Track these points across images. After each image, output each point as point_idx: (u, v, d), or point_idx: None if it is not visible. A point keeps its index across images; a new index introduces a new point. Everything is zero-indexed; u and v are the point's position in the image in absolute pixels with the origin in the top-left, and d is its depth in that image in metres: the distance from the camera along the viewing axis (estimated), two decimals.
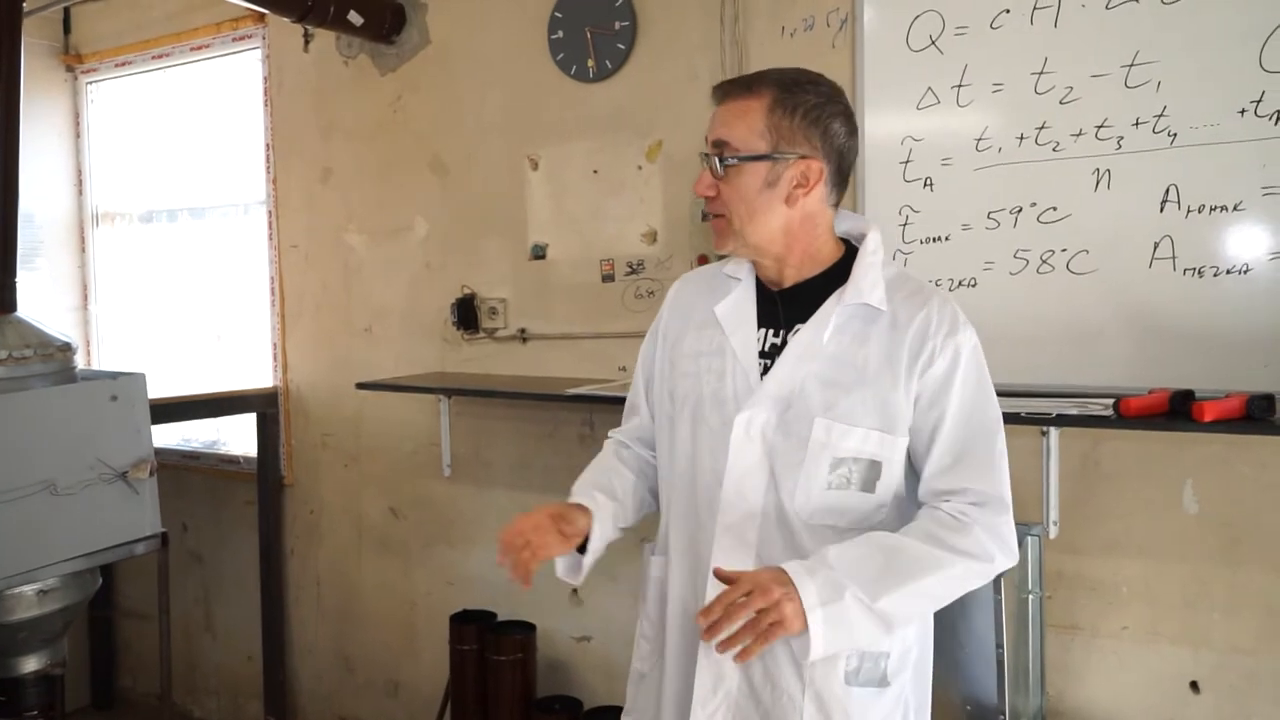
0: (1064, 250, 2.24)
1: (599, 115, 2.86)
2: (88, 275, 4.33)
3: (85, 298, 4.34)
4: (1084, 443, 2.28)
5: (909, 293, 1.51)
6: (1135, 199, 2.15)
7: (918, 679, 1.58)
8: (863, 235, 1.57)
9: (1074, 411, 2.02)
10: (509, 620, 3.06)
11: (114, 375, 2.30)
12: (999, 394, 2.20)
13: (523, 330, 3.06)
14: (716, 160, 1.48)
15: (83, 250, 4.32)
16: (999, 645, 2.01)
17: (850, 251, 1.57)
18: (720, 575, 1.38)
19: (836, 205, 1.56)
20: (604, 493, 1.64)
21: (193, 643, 4.11)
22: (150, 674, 4.15)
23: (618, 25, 2.78)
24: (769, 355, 1.54)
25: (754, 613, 1.32)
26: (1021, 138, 2.26)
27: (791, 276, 1.56)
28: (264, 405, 3.62)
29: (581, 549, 1.61)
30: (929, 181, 2.38)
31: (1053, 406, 2.05)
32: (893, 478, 1.50)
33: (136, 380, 2.28)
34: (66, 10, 4.19)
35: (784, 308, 1.56)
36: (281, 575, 3.75)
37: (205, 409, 3.48)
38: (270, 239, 3.68)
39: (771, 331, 1.56)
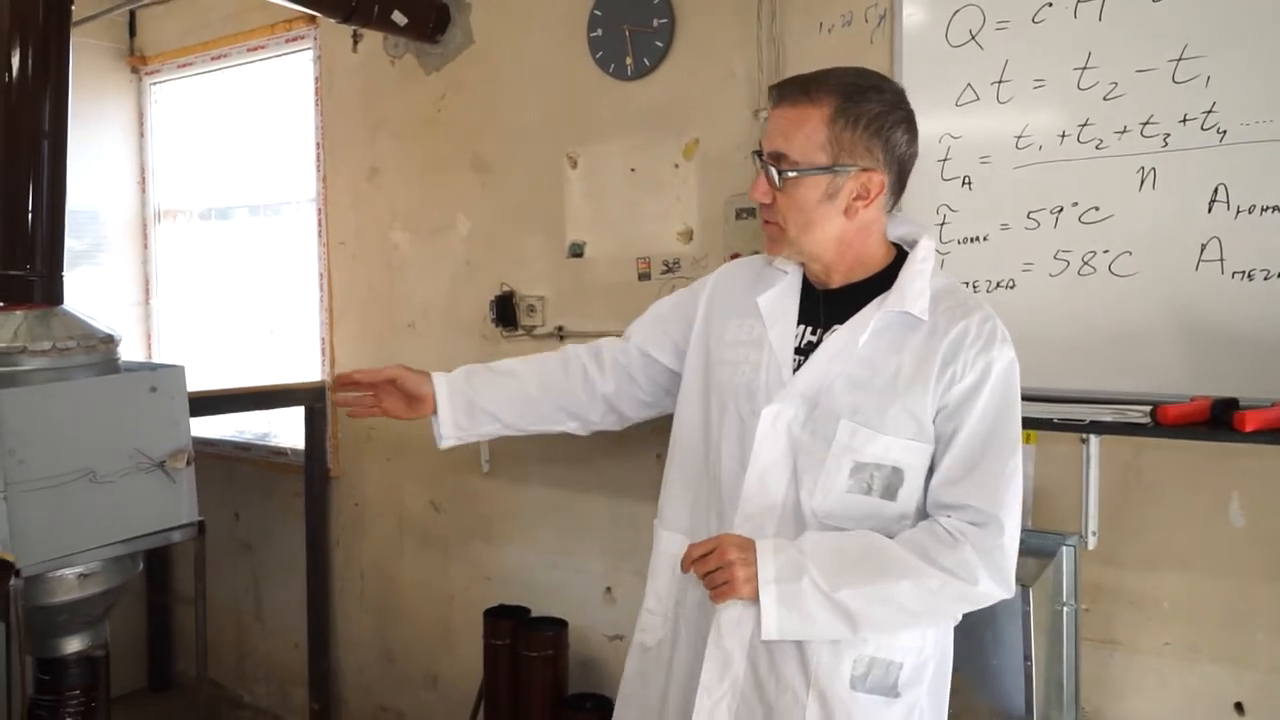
0: (1106, 251, 2.16)
1: (637, 113, 2.86)
2: (149, 271, 4.46)
3: (147, 293, 4.47)
4: (1125, 451, 2.20)
5: (953, 304, 1.49)
6: (1182, 198, 2.07)
7: (933, 695, 1.55)
8: (915, 241, 1.55)
9: (1110, 418, 1.95)
10: (542, 616, 3.07)
11: (153, 367, 2.36)
12: (1035, 399, 2.18)
13: (560, 328, 3.07)
14: (774, 171, 1.45)
15: (145, 246, 4.45)
16: (1027, 657, 1.95)
17: (900, 257, 1.55)
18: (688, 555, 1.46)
19: (892, 210, 1.55)
20: (482, 386, 1.77)
21: (243, 630, 4.21)
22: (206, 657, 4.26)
23: (656, 23, 2.76)
24: (804, 352, 1.54)
25: (707, 570, 1.39)
26: (1063, 135, 2.19)
27: (839, 280, 1.55)
28: (312, 399, 3.69)
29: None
30: (967, 180, 2.32)
31: (1088, 413, 1.99)
32: (915, 487, 1.48)
33: (175, 372, 2.34)
34: (132, 13, 4.32)
35: (825, 307, 1.55)
36: (327, 567, 3.82)
37: (255, 401, 3.56)
38: (320, 236, 3.74)
39: (810, 329, 1.55)
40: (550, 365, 1.79)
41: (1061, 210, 2.20)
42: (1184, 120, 2.06)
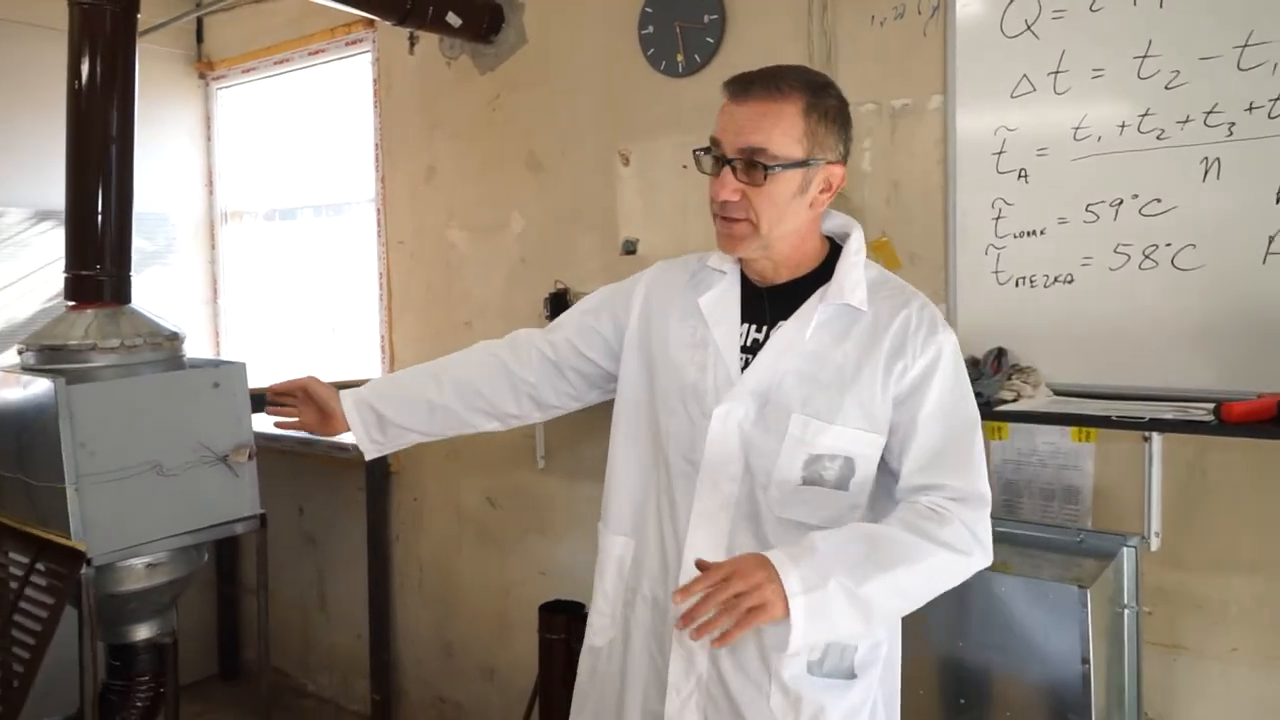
0: (1168, 245, 2.11)
1: (688, 110, 2.85)
2: (216, 270, 4.59)
3: (215, 291, 4.60)
4: (1189, 450, 2.14)
5: (890, 294, 1.53)
6: (1248, 190, 2.01)
7: (887, 674, 1.58)
8: (846, 234, 1.57)
9: (1171, 416, 1.90)
10: None
11: (216, 364, 2.42)
12: (1094, 396, 2.13)
13: None
14: (743, 164, 1.44)
15: (212, 247, 4.57)
16: (1085, 660, 1.90)
17: (834, 250, 1.57)
18: (701, 566, 1.36)
19: None
20: (390, 401, 1.73)
21: (308, 621, 4.31)
22: (271, 647, 4.37)
23: (706, 19, 2.76)
24: (750, 350, 1.55)
25: (733, 595, 1.29)
26: (1123, 126, 2.14)
27: (784, 275, 1.56)
28: None
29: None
30: (1023, 173, 2.27)
31: (1149, 410, 1.94)
32: (867, 477, 1.50)
33: (237, 369, 2.40)
34: (199, 21, 4.45)
35: (770, 304, 1.56)
36: (387, 560, 3.89)
37: None
38: (379, 236, 3.81)
39: (754, 327, 1.57)
40: (459, 367, 1.78)
41: (1121, 203, 2.15)
42: (1250, 109, 1.99)
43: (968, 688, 2.01)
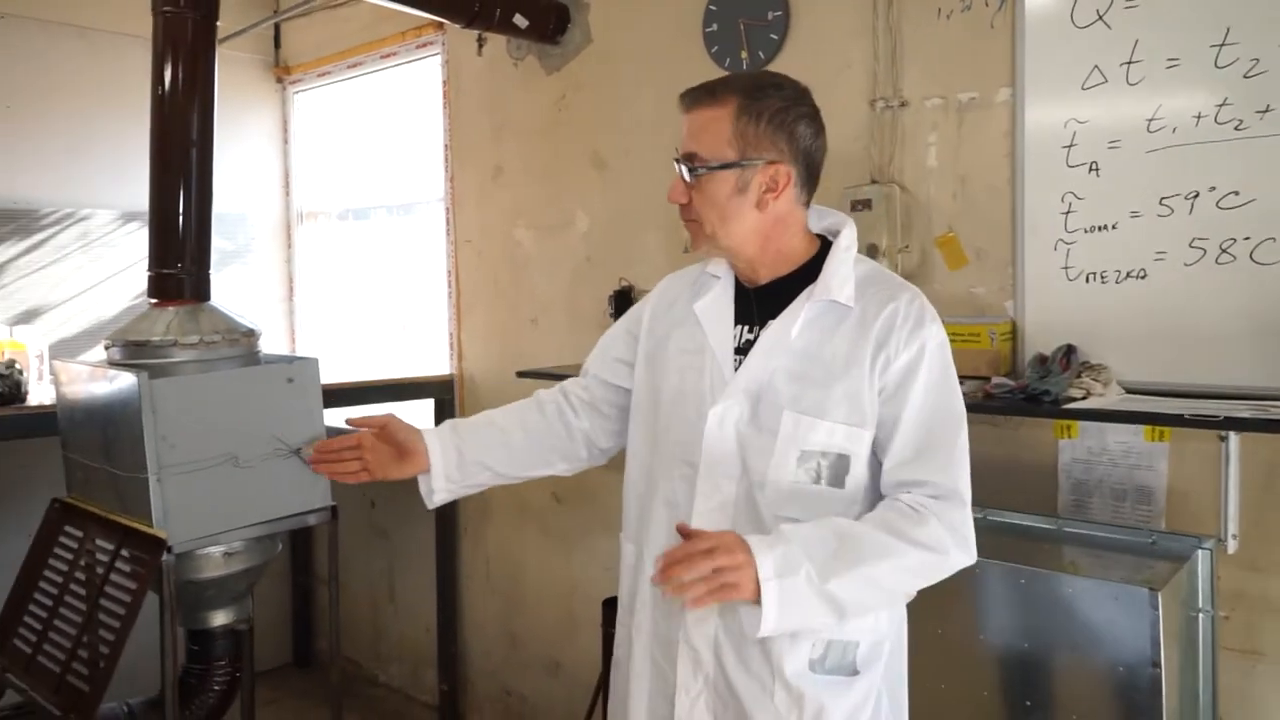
0: (1247, 239, 2.04)
1: None
2: (292, 269, 4.72)
3: (291, 290, 4.73)
4: (1269, 450, 2.07)
5: (878, 288, 1.53)
6: None
7: (890, 671, 1.58)
8: (839, 232, 1.58)
9: (1248, 415, 1.84)
10: None
11: (290, 359, 2.49)
12: (1168, 394, 2.08)
13: None
14: (685, 169, 1.51)
15: (288, 246, 4.70)
16: (1155, 664, 1.86)
17: (826, 247, 1.58)
18: (682, 531, 1.40)
19: (808, 204, 1.58)
20: (469, 436, 1.76)
21: (379, 612, 4.41)
22: (344, 638, 4.48)
23: (770, 16, 2.75)
24: (743, 351, 1.58)
25: (713, 568, 1.33)
26: (1199, 116, 2.08)
27: (765, 275, 1.58)
28: (441, 391, 3.83)
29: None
30: (1094, 166, 2.23)
31: (1224, 409, 1.88)
32: (861, 474, 1.51)
33: (310, 364, 2.46)
34: (277, 27, 4.58)
35: (758, 305, 1.58)
36: (455, 553, 3.96)
37: (386, 393, 3.71)
38: (447, 234, 3.88)
39: (746, 328, 1.59)
40: (529, 412, 1.82)
41: (1197, 195, 2.09)
42: None
43: (1034, 689, 1.97)
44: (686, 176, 1.52)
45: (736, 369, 1.56)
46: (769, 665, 1.51)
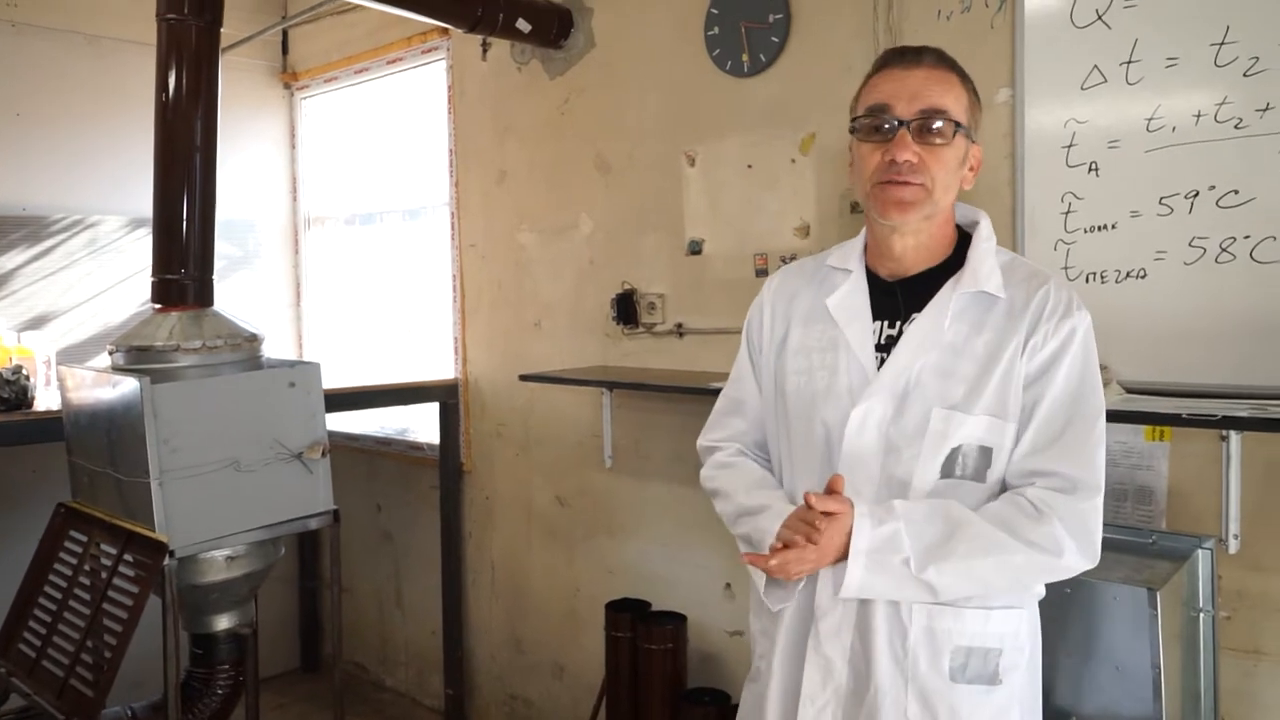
0: (1247, 237, 2.03)
1: (753, 110, 2.86)
2: (300, 275, 4.74)
3: (298, 295, 4.75)
4: (1271, 449, 2.06)
5: (1024, 277, 1.48)
6: None
7: (1030, 678, 1.53)
8: (975, 223, 1.54)
9: (1247, 414, 1.83)
10: (662, 610, 3.11)
11: (292, 364, 2.51)
12: (1167, 394, 2.07)
13: (679, 325, 3.10)
14: (925, 125, 1.43)
15: (296, 252, 4.73)
16: (1155, 665, 1.85)
17: (963, 240, 1.54)
18: (834, 488, 1.42)
19: None
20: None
21: (385, 616, 4.42)
22: (350, 642, 4.51)
23: (772, 19, 2.76)
24: (885, 348, 1.51)
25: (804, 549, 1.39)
26: (1199, 115, 2.07)
27: (919, 264, 1.53)
28: (445, 395, 3.84)
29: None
30: (1094, 166, 2.22)
31: (1223, 408, 1.87)
32: (1002, 465, 1.46)
33: (312, 369, 2.48)
34: (284, 33, 4.60)
35: (903, 297, 1.53)
36: (460, 557, 3.96)
37: (392, 398, 3.73)
38: (452, 239, 3.89)
39: (887, 323, 1.53)
40: (752, 467, 1.70)
41: (1197, 195, 2.08)
42: None
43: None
44: (924, 137, 1.43)
45: (879, 366, 1.49)
46: (903, 677, 1.45)
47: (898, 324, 1.52)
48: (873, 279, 1.57)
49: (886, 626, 1.46)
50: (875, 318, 1.54)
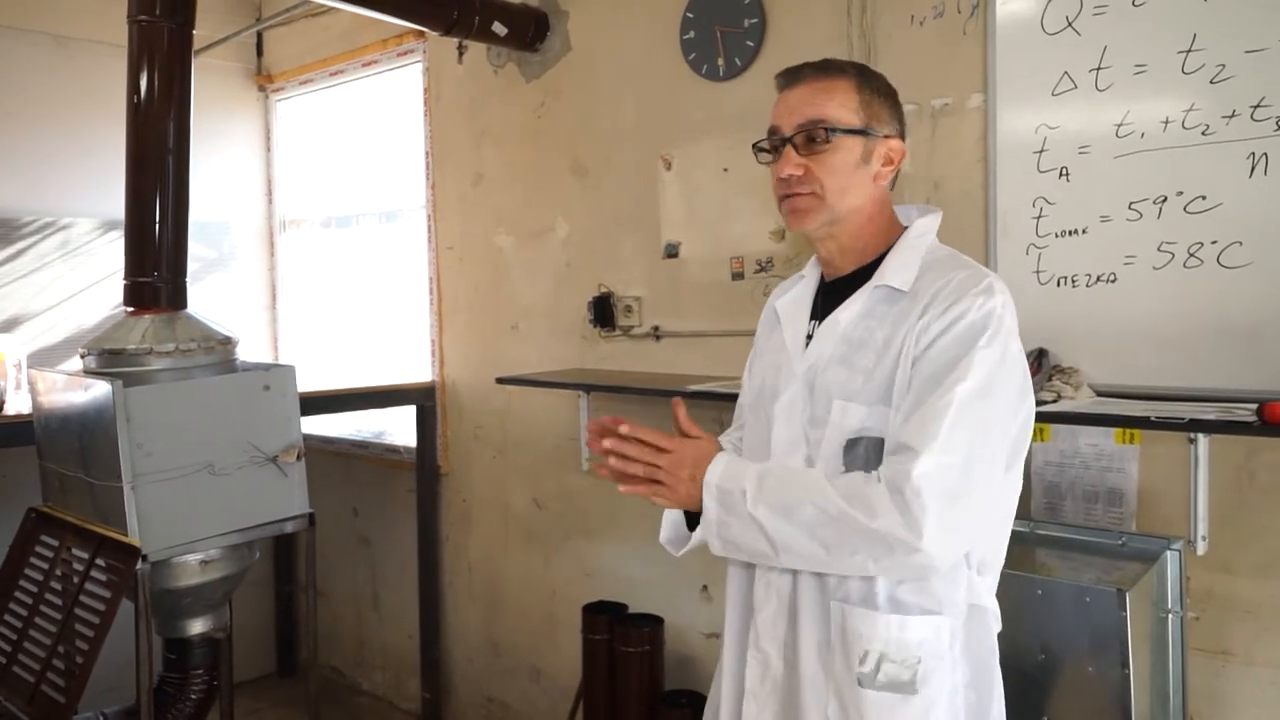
0: (1214, 242, 2.06)
1: (729, 113, 2.87)
2: (276, 277, 4.72)
3: (274, 298, 4.73)
4: (1238, 452, 2.09)
5: (942, 271, 1.46)
6: None
7: (959, 691, 1.46)
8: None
9: (1214, 417, 1.85)
10: (639, 613, 3.11)
11: (266, 367, 2.50)
12: (1135, 397, 2.09)
13: (656, 328, 3.11)
14: (802, 138, 1.47)
15: (271, 254, 4.70)
16: (1124, 665, 1.87)
17: None
18: (678, 418, 1.50)
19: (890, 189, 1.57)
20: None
21: (362, 620, 4.40)
22: (327, 646, 4.48)
23: (747, 23, 2.77)
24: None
25: (653, 464, 1.41)
26: (1167, 122, 2.10)
27: (849, 263, 1.55)
28: (422, 398, 3.83)
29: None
30: (1065, 171, 2.24)
31: (1191, 411, 1.90)
32: None
33: (286, 372, 2.47)
34: (259, 35, 4.58)
35: (825, 297, 1.58)
36: (438, 561, 3.95)
37: (368, 401, 3.72)
38: (429, 241, 3.88)
39: (817, 322, 1.57)
40: None
41: (1165, 200, 2.11)
42: None
43: (1005, 691, 1.98)
44: (800, 146, 1.47)
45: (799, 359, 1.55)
46: (825, 674, 1.47)
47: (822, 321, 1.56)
48: (822, 281, 1.62)
49: (812, 623, 1.48)
50: (814, 317, 1.59)
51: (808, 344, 1.55)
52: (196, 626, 2.52)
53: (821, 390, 1.49)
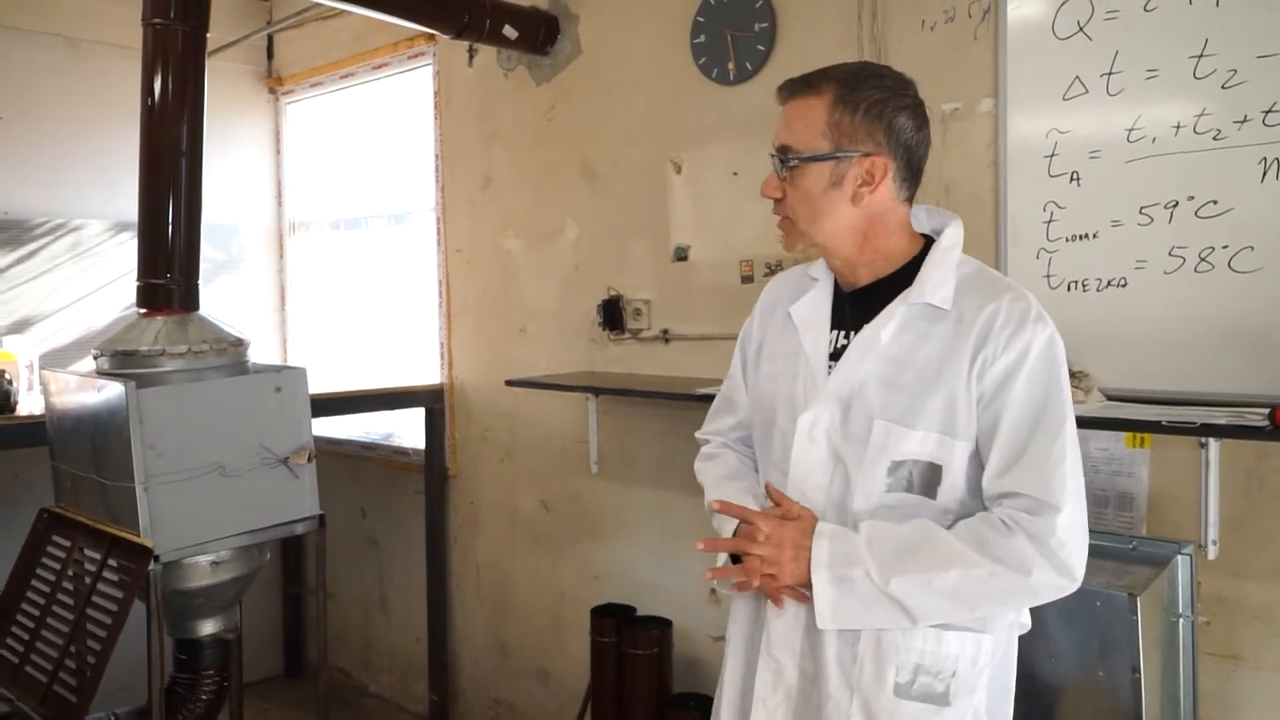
0: (1225, 247, 2.06)
1: (739, 117, 2.87)
2: (285, 279, 4.73)
3: (283, 300, 4.74)
4: (1249, 456, 2.09)
5: (980, 289, 1.45)
6: None
7: (991, 706, 1.49)
8: (940, 231, 1.53)
9: (1225, 422, 1.86)
10: (648, 616, 3.11)
11: (278, 369, 2.51)
12: (1146, 401, 2.10)
13: (665, 331, 3.11)
14: (779, 162, 1.47)
15: (280, 256, 4.72)
16: (1135, 670, 1.87)
17: (929, 247, 1.52)
18: (770, 493, 1.47)
19: (910, 200, 1.52)
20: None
21: (369, 622, 4.41)
22: (334, 648, 4.49)
23: (757, 27, 2.78)
24: (836, 356, 1.52)
25: (757, 557, 1.44)
26: (1178, 127, 2.10)
27: (865, 276, 1.53)
28: (431, 400, 3.84)
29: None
30: (1075, 176, 2.25)
31: (1202, 416, 1.90)
32: (955, 483, 1.44)
33: (298, 374, 2.48)
34: (270, 38, 4.60)
35: (851, 309, 1.54)
36: (445, 563, 3.96)
37: (377, 403, 3.73)
38: (439, 244, 3.89)
39: (842, 333, 1.54)
40: (731, 456, 1.76)
41: (1177, 205, 2.11)
42: None
43: (1016, 694, 1.98)
44: (780, 170, 1.47)
45: (829, 374, 1.51)
46: (846, 685, 1.46)
47: (850, 334, 1.53)
48: (837, 289, 1.58)
49: (834, 635, 1.46)
50: (834, 327, 1.55)
51: (834, 357, 1.52)
52: (207, 627, 2.53)
53: (860, 409, 1.46)
